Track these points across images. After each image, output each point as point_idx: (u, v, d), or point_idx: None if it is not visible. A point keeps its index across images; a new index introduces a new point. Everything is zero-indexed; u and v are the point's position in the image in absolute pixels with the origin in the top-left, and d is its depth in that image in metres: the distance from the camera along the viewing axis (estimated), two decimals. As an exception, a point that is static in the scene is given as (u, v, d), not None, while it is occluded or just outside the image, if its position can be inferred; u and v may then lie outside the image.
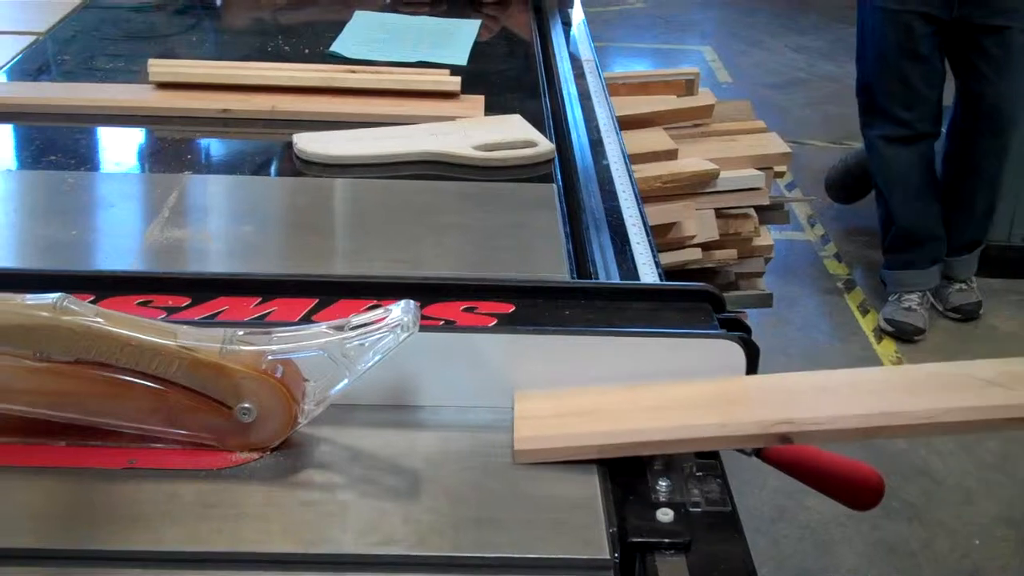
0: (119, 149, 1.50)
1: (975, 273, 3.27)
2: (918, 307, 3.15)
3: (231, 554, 0.73)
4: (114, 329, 0.79)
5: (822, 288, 3.39)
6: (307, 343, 0.81)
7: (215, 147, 1.51)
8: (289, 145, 1.41)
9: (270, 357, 0.80)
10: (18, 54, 1.72)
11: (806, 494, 2.33)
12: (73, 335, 0.79)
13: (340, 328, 0.81)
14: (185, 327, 0.82)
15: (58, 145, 1.41)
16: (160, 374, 0.80)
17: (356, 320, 0.82)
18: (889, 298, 3.21)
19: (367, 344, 0.80)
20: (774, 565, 2.09)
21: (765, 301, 2.39)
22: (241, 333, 0.81)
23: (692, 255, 2.23)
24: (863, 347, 3.09)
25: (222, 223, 1.26)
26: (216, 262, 1.15)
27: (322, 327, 0.82)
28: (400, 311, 0.81)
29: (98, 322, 0.79)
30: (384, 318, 0.81)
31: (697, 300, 0.97)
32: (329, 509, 0.77)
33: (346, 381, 0.81)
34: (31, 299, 0.80)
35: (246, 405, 0.80)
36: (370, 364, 0.81)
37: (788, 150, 2.44)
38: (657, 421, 0.84)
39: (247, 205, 1.30)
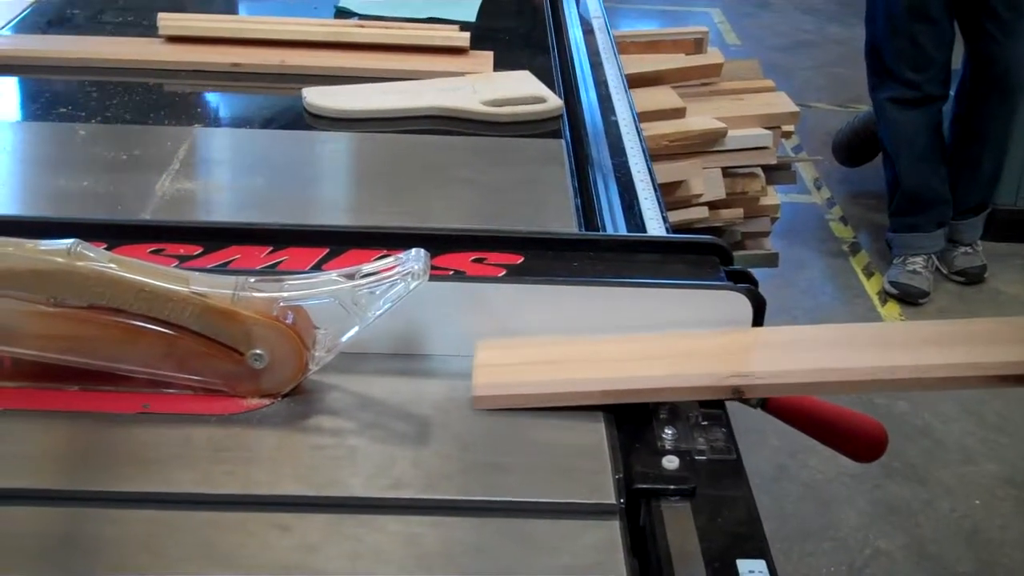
0: (129, 102, 1.50)
1: (980, 237, 3.27)
2: (923, 270, 3.15)
3: (243, 496, 0.74)
4: (127, 275, 0.80)
5: (827, 251, 3.39)
6: (318, 291, 0.82)
7: (225, 101, 1.51)
8: (299, 99, 1.41)
9: (282, 304, 0.81)
10: (27, 7, 1.72)
11: (808, 453, 2.36)
12: (87, 281, 0.80)
13: (351, 276, 0.82)
14: (198, 274, 0.82)
15: (68, 98, 1.42)
16: (173, 320, 0.80)
17: (367, 268, 0.82)
18: (894, 261, 3.21)
19: (377, 292, 0.81)
20: (776, 523, 2.11)
21: (771, 260, 2.40)
22: (253, 280, 0.82)
23: (699, 213, 2.23)
24: (868, 309, 3.10)
25: (232, 175, 1.27)
26: (227, 213, 1.16)
27: (333, 275, 0.82)
28: (410, 260, 0.82)
29: (111, 268, 0.80)
30: (395, 267, 0.82)
31: (704, 253, 0.98)
32: (339, 454, 0.78)
33: (356, 328, 0.82)
34: (45, 245, 0.81)
35: (258, 351, 0.81)
36: (380, 312, 0.82)
37: (796, 109, 2.44)
38: (613, 372, 0.85)
39: (257, 158, 1.31)
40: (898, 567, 2.16)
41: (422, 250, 0.83)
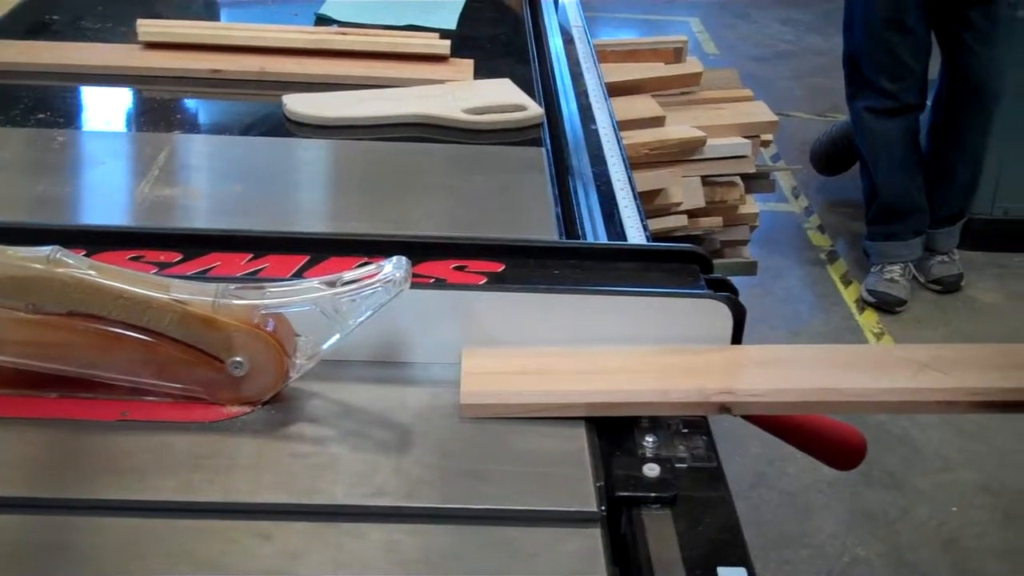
0: (108, 108, 1.50)
1: (957, 245, 3.29)
2: (900, 278, 3.17)
3: (223, 504, 0.74)
4: (107, 282, 0.80)
5: (805, 259, 3.41)
6: (299, 298, 0.81)
7: (205, 107, 1.51)
8: (279, 106, 1.41)
9: (262, 311, 0.81)
10: (5, 14, 1.71)
11: (786, 461, 2.36)
12: (66, 287, 0.79)
13: (332, 284, 0.82)
14: (178, 281, 0.82)
15: (47, 104, 1.41)
16: (152, 327, 0.80)
17: (348, 276, 0.82)
18: (872, 269, 3.23)
19: (359, 300, 0.81)
20: (754, 530, 2.11)
21: (750, 269, 2.41)
22: (233, 287, 0.82)
23: (678, 222, 2.24)
24: (845, 317, 3.11)
25: (212, 182, 1.26)
26: (207, 220, 1.16)
27: (314, 283, 0.82)
28: (392, 267, 0.82)
29: (91, 275, 0.80)
30: (376, 274, 0.82)
31: (685, 261, 0.98)
32: (320, 461, 0.78)
33: (338, 336, 0.82)
34: (24, 251, 0.80)
35: (238, 359, 0.81)
36: (361, 319, 0.82)
37: (775, 118, 2.45)
38: (600, 384, 0.85)
39: (237, 165, 1.30)
40: (876, 574, 2.17)
41: (403, 258, 0.83)
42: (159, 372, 0.82)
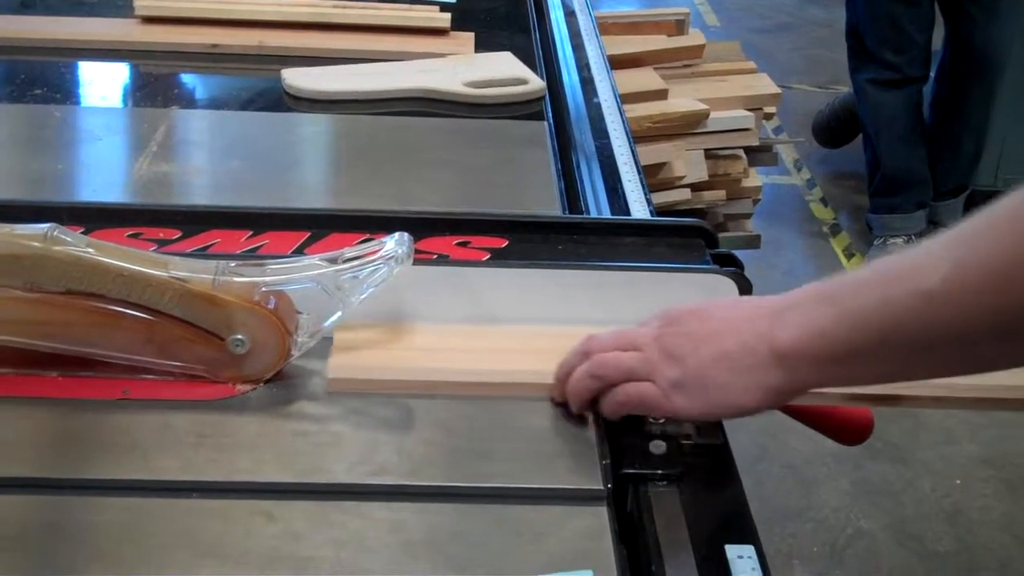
0: (105, 83, 1.48)
1: (960, 218, 3.28)
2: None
3: (225, 483, 0.73)
4: (105, 259, 0.79)
5: (808, 232, 3.40)
6: (300, 275, 0.80)
7: (203, 82, 1.49)
8: (278, 81, 1.39)
9: (263, 289, 0.80)
10: (0, -14, 1.69)
11: (788, 433, 2.36)
12: (64, 265, 0.78)
13: (333, 260, 0.81)
14: (177, 258, 0.81)
15: (43, 79, 1.40)
16: (152, 305, 0.79)
17: (349, 252, 0.81)
18: (874, 242, 3.22)
19: (360, 276, 0.80)
20: (757, 504, 2.09)
21: (753, 242, 2.40)
22: (234, 265, 0.81)
23: (681, 195, 2.23)
24: (848, 291, 3.10)
25: (211, 158, 1.25)
26: (205, 196, 1.15)
27: (315, 259, 0.81)
28: (394, 243, 0.81)
29: (89, 252, 0.79)
30: (378, 250, 0.81)
31: (690, 236, 0.97)
32: (322, 440, 0.77)
33: (340, 313, 0.81)
34: (21, 229, 0.79)
35: (239, 336, 0.80)
36: (363, 296, 0.80)
37: (778, 91, 2.43)
38: (484, 363, 0.83)
39: (236, 140, 1.29)
40: (879, 546, 2.17)
41: (405, 234, 0.82)
42: (159, 351, 0.81)
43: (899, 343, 0.67)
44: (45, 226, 0.79)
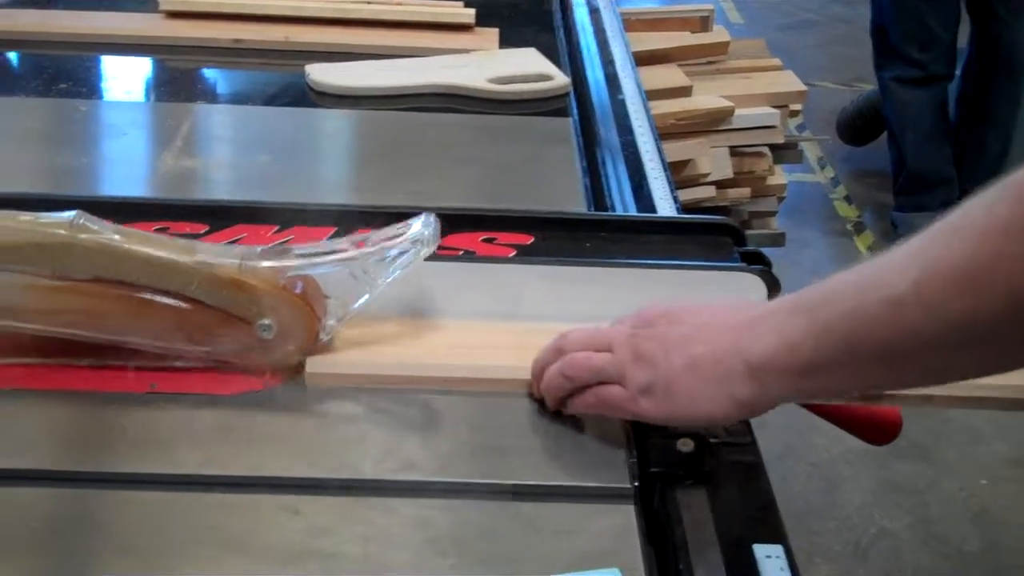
0: (129, 78, 1.49)
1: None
2: (928, 250, 3.14)
3: (251, 478, 0.73)
4: (131, 246, 0.78)
5: (832, 230, 3.38)
6: (326, 259, 0.80)
7: (227, 77, 1.50)
8: (302, 76, 1.39)
9: (290, 273, 0.80)
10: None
11: (813, 431, 2.35)
12: (90, 253, 0.78)
13: (359, 244, 0.80)
14: (203, 244, 0.81)
15: (68, 73, 1.40)
16: (179, 291, 0.79)
17: (376, 235, 0.81)
18: (899, 241, 3.19)
19: (387, 259, 0.80)
20: (781, 502, 2.09)
21: (778, 240, 2.38)
22: (259, 250, 0.80)
23: (706, 193, 2.22)
24: (872, 290, 3.08)
25: (236, 153, 1.25)
26: (231, 191, 1.15)
27: (342, 243, 0.81)
28: (420, 225, 0.80)
29: (115, 239, 0.78)
30: (404, 233, 0.80)
31: (717, 233, 0.96)
32: (348, 435, 0.77)
33: (367, 296, 0.80)
34: (46, 217, 0.79)
35: (266, 321, 0.79)
36: (390, 279, 0.80)
37: (804, 88, 2.42)
38: (457, 359, 0.83)
39: (261, 136, 1.29)
40: (904, 546, 2.15)
41: (431, 215, 0.81)
42: (188, 337, 0.80)
43: (868, 353, 0.66)
44: (70, 214, 0.79)
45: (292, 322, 0.79)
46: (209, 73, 1.49)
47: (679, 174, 2.18)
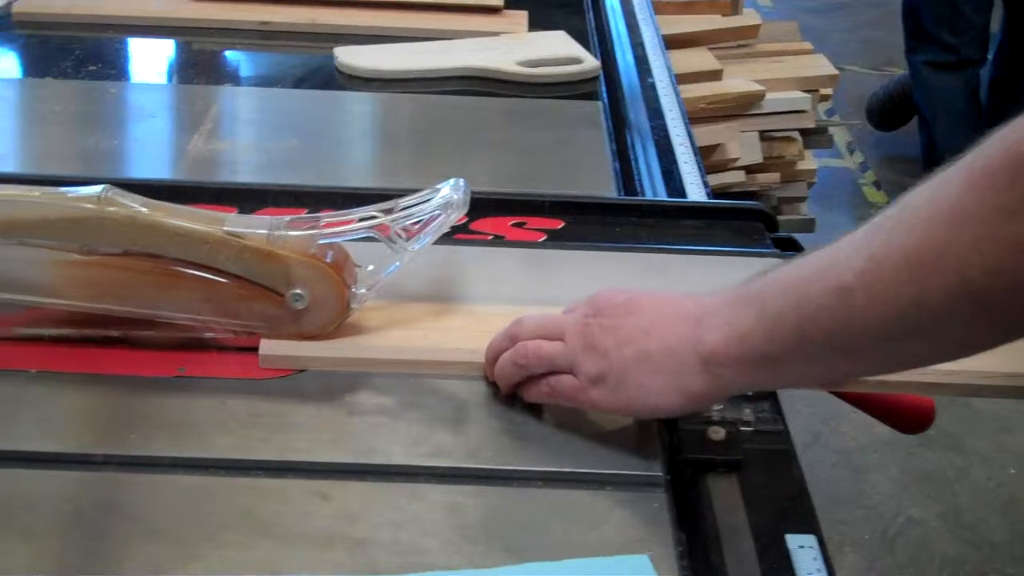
0: (158, 60, 1.49)
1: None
2: (958, 236, 3.11)
3: (280, 463, 0.72)
4: (160, 218, 0.78)
5: (861, 216, 3.34)
6: (356, 226, 0.79)
7: (255, 60, 1.49)
8: (330, 59, 1.39)
9: (320, 242, 0.79)
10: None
11: (841, 419, 2.33)
12: (119, 226, 0.78)
13: (389, 210, 0.80)
14: (232, 215, 0.80)
15: (98, 55, 1.40)
16: (209, 263, 0.78)
17: (405, 202, 0.80)
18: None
19: (417, 225, 0.79)
20: (809, 490, 2.08)
21: (807, 226, 2.36)
22: (288, 220, 0.80)
23: (735, 177, 2.20)
24: (901, 276, 3.05)
25: (264, 135, 1.25)
26: (260, 174, 1.15)
27: (370, 210, 0.80)
28: (449, 189, 0.80)
29: (143, 212, 0.78)
30: (433, 199, 0.80)
31: (749, 219, 0.95)
32: (378, 420, 0.77)
33: (398, 264, 0.80)
34: (74, 192, 0.79)
35: (297, 291, 0.79)
36: (421, 245, 0.79)
37: (835, 72, 2.40)
38: (415, 341, 0.82)
39: (289, 118, 1.29)
40: (932, 535, 2.14)
41: (461, 180, 0.80)
42: (219, 309, 0.80)
43: (819, 343, 0.65)
44: (98, 188, 0.79)
45: (323, 292, 0.79)
46: (237, 55, 1.49)
47: (708, 159, 2.17)
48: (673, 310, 0.72)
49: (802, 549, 0.67)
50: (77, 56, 1.40)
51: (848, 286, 0.62)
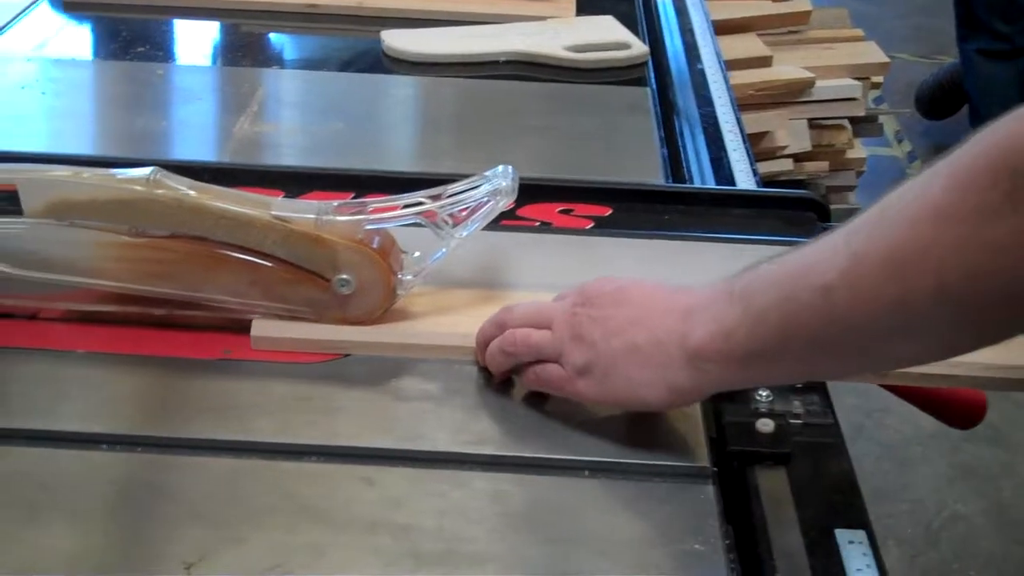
0: (205, 42, 1.49)
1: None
2: (1008, 228, 3.07)
3: (325, 447, 0.72)
4: (208, 201, 0.78)
5: (908, 206, 3.31)
6: (404, 212, 0.79)
7: (301, 43, 1.49)
8: (377, 42, 1.38)
9: (367, 227, 0.79)
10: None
11: (885, 412, 2.31)
12: (167, 208, 0.78)
13: (437, 196, 0.79)
14: (278, 199, 0.80)
15: (145, 37, 1.40)
16: (256, 246, 0.78)
17: (453, 188, 0.80)
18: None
19: (465, 212, 0.78)
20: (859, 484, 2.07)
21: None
22: (335, 204, 0.79)
23: (783, 166, 2.18)
24: (949, 267, 3.01)
25: (310, 118, 1.25)
26: (306, 157, 1.14)
27: (418, 196, 0.80)
28: (498, 177, 0.79)
29: (191, 195, 0.78)
30: (482, 185, 0.79)
31: (801, 208, 0.94)
32: (423, 407, 0.76)
33: (444, 251, 0.79)
34: (123, 174, 0.79)
35: (344, 276, 0.78)
36: (468, 232, 0.79)
37: (887, 60, 2.37)
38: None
39: (335, 102, 1.28)
40: (977, 531, 2.11)
41: (510, 167, 0.80)
42: (265, 293, 0.80)
43: (802, 342, 0.64)
44: (147, 170, 0.79)
45: (369, 277, 0.79)
46: (284, 38, 1.48)
47: (756, 146, 2.15)
48: (663, 303, 0.71)
49: (852, 544, 0.66)
50: (124, 38, 1.40)
51: (831, 285, 0.61)
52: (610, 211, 0.92)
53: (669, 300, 0.71)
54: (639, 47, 1.38)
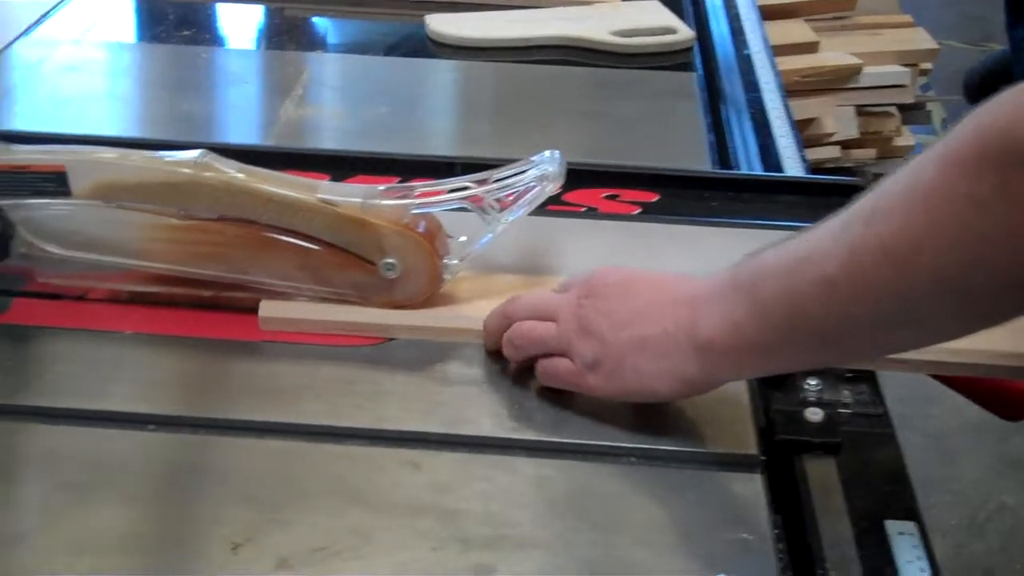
0: (250, 26, 1.49)
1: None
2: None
3: (372, 431, 0.72)
4: (255, 184, 0.78)
5: (954, 194, 3.27)
6: (450, 197, 0.79)
7: (346, 27, 1.49)
8: (422, 26, 1.38)
9: (413, 211, 0.79)
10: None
11: (930, 403, 2.28)
12: (215, 191, 0.78)
13: (483, 181, 0.79)
14: (325, 183, 0.81)
15: (190, 20, 1.41)
16: (303, 230, 0.79)
17: (499, 173, 0.79)
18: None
19: (512, 196, 0.78)
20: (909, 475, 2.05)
21: (901, 204, 2.30)
22: (381, 188, 0.79)
23: (830, 153, 2.15)
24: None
25: (355, 103, 1.25)
26: (350, 141, 1.14)
27: (464, 181, 0.79)
28: (545, 162, 0.79)
29: (238, 178, 0.78)
30: (529, 170, 0.79)
31: (850, 196, 0.92)
32: (468, 392, 0.76)
33: (490, 235, 0.79)
34: (171, 156, 0.79)
35: (390, 260, 0.78)
36: (514, 217, 0.78)
37: (936, 46, 2.33)
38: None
39: (380, 86, 1.28)
40: (1022, 523, 2.09)
41: (557, 152, 0.79)
42: (312, 276, 0.80)
43: (808, 333, 0.64)
44: (195, 152, 0.79)
45: (415, 262, 0.79)
46: (328, 22, 1.48)
47: (802, 133, 2.12)
48: (669, 293, 0.70)
49: (902, 536, 0.66)
50: (170, 20, 1.41)
51: (832, 278, 0.61)
52: (657, 197, 0.91)
53: (675, 290, 0.70)
54: (685, 32, 1.37)
